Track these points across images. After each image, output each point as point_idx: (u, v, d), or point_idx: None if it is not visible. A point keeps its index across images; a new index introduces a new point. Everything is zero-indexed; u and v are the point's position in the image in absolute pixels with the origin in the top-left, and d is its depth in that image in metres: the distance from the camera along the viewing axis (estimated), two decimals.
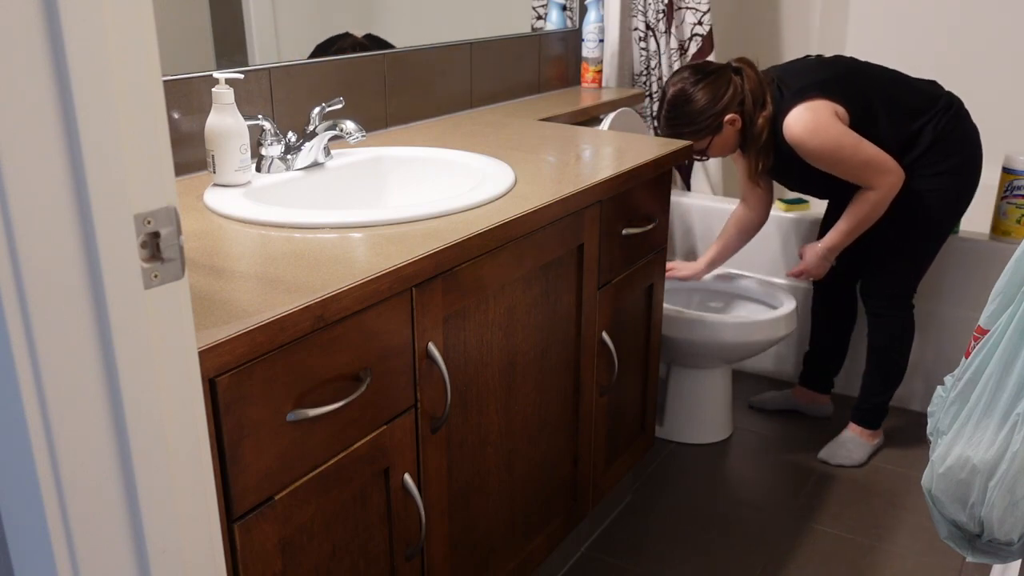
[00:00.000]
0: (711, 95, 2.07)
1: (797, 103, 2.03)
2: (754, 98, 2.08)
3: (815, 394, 2.55)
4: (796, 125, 2.03)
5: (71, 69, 0.59)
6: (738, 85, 2.08)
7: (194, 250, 1.18)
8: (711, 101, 2.07)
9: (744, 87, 2.08)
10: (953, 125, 2.10)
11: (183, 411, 0.72)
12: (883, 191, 2.06)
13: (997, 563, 1.25)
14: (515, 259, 1.42)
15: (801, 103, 2.03)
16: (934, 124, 2.09)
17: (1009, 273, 1.13)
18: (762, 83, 2.09)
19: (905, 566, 1.95)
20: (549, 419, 1.65)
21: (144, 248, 0.66)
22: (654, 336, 2.03)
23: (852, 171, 2.06)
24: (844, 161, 2.04)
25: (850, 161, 2.04)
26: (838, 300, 2.45)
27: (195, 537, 0.75)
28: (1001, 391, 1.13)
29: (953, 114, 2.11)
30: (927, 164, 2.10)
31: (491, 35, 2.28)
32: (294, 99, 1.72)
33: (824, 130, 2.01)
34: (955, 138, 2.11)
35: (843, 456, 2.33)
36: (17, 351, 0.61)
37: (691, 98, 2.08)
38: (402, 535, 1.30)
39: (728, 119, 2.09)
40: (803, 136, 2.02)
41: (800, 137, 2.03)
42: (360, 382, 1.15)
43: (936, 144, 2.09)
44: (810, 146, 2.03)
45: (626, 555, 1.98)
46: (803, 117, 2.02)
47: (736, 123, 2.10)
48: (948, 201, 2.15)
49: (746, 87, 2.08)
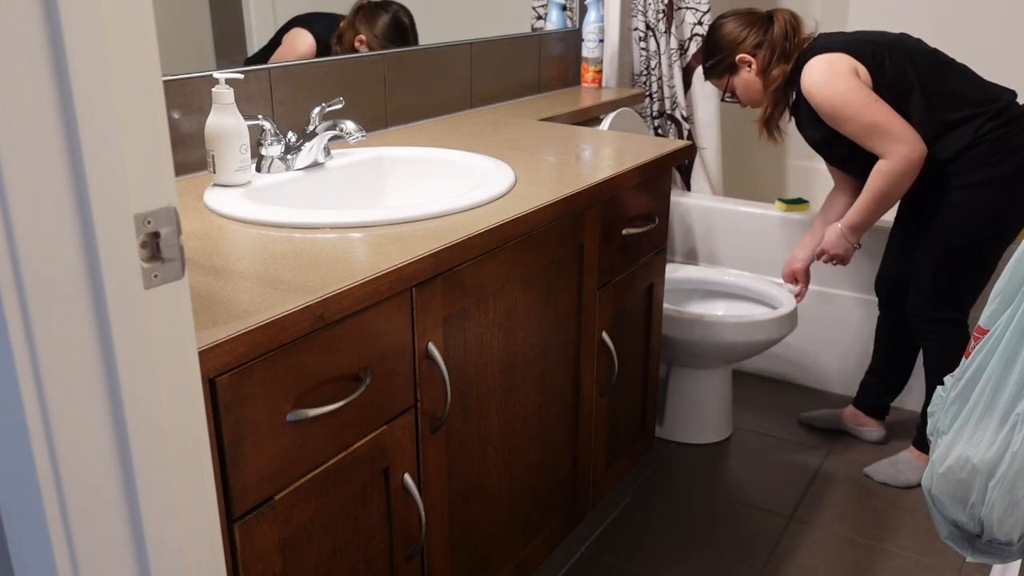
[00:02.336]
0: (733, 32, 2.11)
1: (816, 55, 2.00)
2: (773, 47, 2.08)
3: (867, 418, 2.43)
4: (808, 75, 1.99)
5: (71, 69, 0.59)
6: (762, 31, 2.09)
7: (194, 250, 1.18)
8: (730, 37, 2.11)
9: (768, 34, 2.08)
10: (1002, 132, 1.94)
11: (183, 411, 0.72)
12: (894, 161, 1.94)
13: (997, 563, 1.25)
14: (515, 259, 1.42)
15: (820, 55, 1.99)
16: (976, 124, 1.95)
17: (1009, 273, 1.13)
18: (789, 37, 2.07)
19: (905, 566, 1.95)
20: (549, 419, 1.65)
21: (144, 248, 0.66)
22: (654, 336, 2.03)
23: (859, 133, 1.97)
24: (850, 120, 1.96)
25: (856, 120, 1.95)
26: (902, 321, 2.27)
27: (195, 537, 0.75)
28: (1001, 391, 1.13)
29: (1005, 122, 1.94)
30: (960, 172, 1.97)
31: (491, 35, 2.28)
32: (294, 99, 1.72)
33: (833, 83, 1.96)
34: (1001, 147, 1.94)
35: (891, 475, 2.24)
36: (17, 351, 0.61)
37: (716, 29, 2.14)
38: (402, 535, 1.30)
39: (740, 59, 2.10)
40: (812, 87, 1.98)
41: (809, 88, 1.99)
42: (360, 382, 1.15)
43: (974, 148, 1.95)
44: (818, 98, 1.98)
45: (626, 555, 1.98)
46: (818, 67, 1.98)
47: (752, 66, 2.10)
48: (985, 218, 1.98)
49: (770, 34, 2.08)
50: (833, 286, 2.62)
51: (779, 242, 2.68)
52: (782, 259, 2.67)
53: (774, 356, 2.77)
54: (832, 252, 2.16)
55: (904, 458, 2.27)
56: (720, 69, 2.15)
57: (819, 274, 2.62)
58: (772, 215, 2.68)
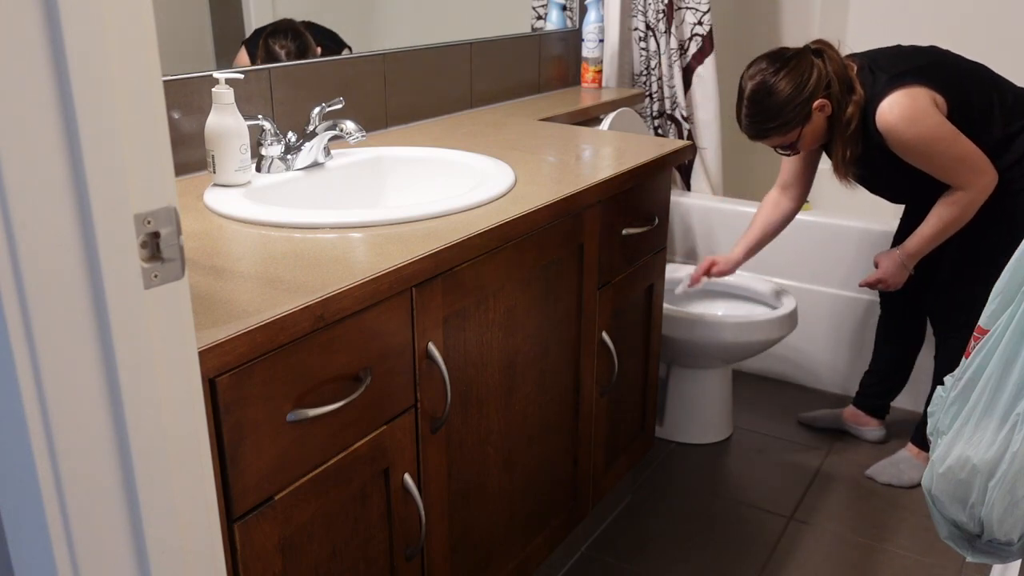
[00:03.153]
0: (795, 82, 1.88)
1: (894, 88, 1.86)
2: (840, 81, 1.90)
3: (867, 417, 2.42)
4: (892, 112, 1.85)
5: (71, 69, 0.59)
6: (822, 67, 1.90)
7: (194, 250, 1.18)
8: (797, 88, 1.88)
9: (828, 69, 1.90)
10: None
11: (183, 411, 0.72)
12: (975, 192, 1.89)
13: (997, 563, 1.25)
14: (515, 259, 1.42)
15: (898, 89, 1.86)
16: None
17: (1009, 273, 1.13)
18: (846, 65, 1.92)
19: (905, 566, 1.95)
20: (549, 419, 1.65)
21: (144, 248, 0.66)
22: (654, 336, 2.03)
23: (945, 167, 1.88)
24: (939, 155, 1.87)
25: (945, 155, 1.86)
26: (904, 322, 2.29)
27: (195, 537, 0.75)
28: (1001, 391, 1.13)
29: None
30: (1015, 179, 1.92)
31: (491, 35, 2.28)
32: (294, 99, 1.72)
33: (922, 119, 1.84)
34: None
35: (893, 475, 2.24)
36: (17, 351, 0.61)
37: (773, 89, 1.89)
38: (402, 535, 1.30)
39: (817, 105, 1.90)
40: (899, 124, 1.85)
41: (895, 125, 1.85)
42: (360, 382, 1.15)
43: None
44: (905, 136, 1.86)
45: (626, 555, 1.98)
46: (901, 103, 1.85)
47: (826, 109, 1.91)
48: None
49: (830, 69, 1.90)
50: (833, 286, 2.63)
51: (779, 242, 2.67)
52: (782, 259, 2.67)
53: (774, 356, 2.77)
54: (889, 281, 2.08)
55: (904, 456, 2.28)
56: (792, 124, 1.91)
57: (819, 274, 2.62)
58: None
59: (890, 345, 2.35)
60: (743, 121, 1.96)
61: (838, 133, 1.94)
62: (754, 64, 1.95)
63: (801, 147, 1.98)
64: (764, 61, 1.93)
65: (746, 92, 1.93)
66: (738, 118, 1.98)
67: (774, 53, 1.95)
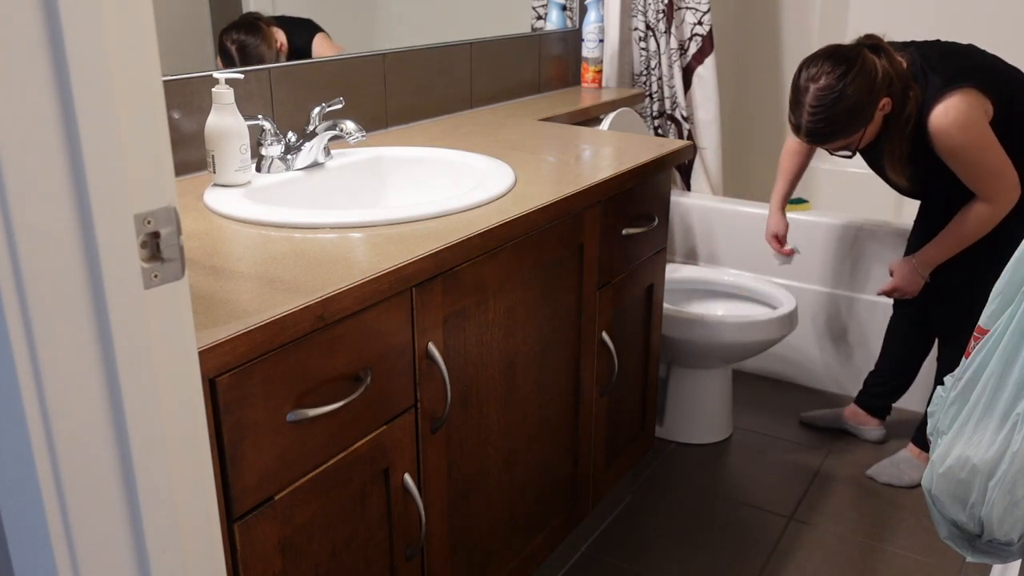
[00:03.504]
0: (866, 86, 1.81)
1: (951, 92, 1.82)
2: (899, 78, 1.84)
3: (868, 416, 2.42)
4: (947, 116, 1.81)
5: (71, 69, 0.59)
6: (885, 67, 1.83)
7: (194, 250, 1.18)
8: (867, 92, 1.81)
9: (890, 67, 1.84)
10: None
11: (183, 411, 0.72)
12: (998, 207, 1.87)
13: (997, 563, 1.25)
14: (515, 259, 1.42)
15: (955, 92, 1.81)
16: None
17: (1009, 273, 1.13)
18: (899, 61, 1.87)
19: (905, 566, 1.95)
20: (549, 419, 1.65)
21: (144, 248, 0.66)
22: (654, 336, 2.03)
23: (980, 176, 1.86)
24: (979, 164, 1.84)
25: (984, 166, 1.85)
26: (915, 324, 2.27)
27: (195, 537, 0.75)
28: (1001, 391, 1.13)
29: None
30: None
31: (491, 35, 2.28)
32: (294, 99, 1.72)
33: (975, 126, 1.82)
34: None
35: (894, 475, 2.24)
36: (17, 351, 0.61)
37: (843, 94, 1.81)
38: (402, 535, 1.30)
39: (881, 105, 1.84)
40: (951, 129, 1.81)
41: (947, 129, 1.82)
42: (360, 382, 1.15)
43: None
44: (955, 141, 1.82)
45: (626, 555, 1.98)
46: (959, 107, 1.81)
47: (887, 107, 1.86)
48: None
49: (892, 68, 1.84)
50: (833, 286, 2.63)
51: None
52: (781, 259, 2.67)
53: (774, 356, 2.77)
54: (905, 289, 2.06)
55: (904, 456, 2.27)
56: (858, 126, 1.85)
57: (818, 273, 2.62)
58: None
59: (899, 346, 2.34)
60: (805, 127, 1.87)
61: (895, 130, 1.88)
62: (813, 65, 1.85)
63: (858, 147, 1.92)
64: (826, 63, 1.83)
65: (809, 97, 1.84)
66: (796, 123, 1.89)
67: (832, 52, 1.85)
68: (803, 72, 1.87)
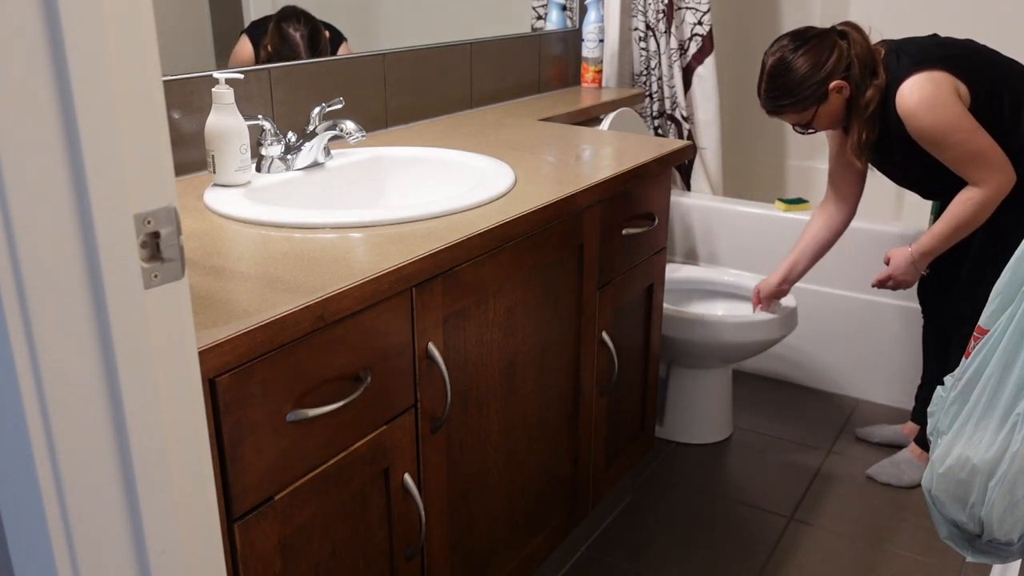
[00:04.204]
0: (813, 61, 1.87)
1: (915, 71, 1.83)
2: (862, 64, 1.87)
3: None
4: (912, 96, 1.82)
5: (71, 69, 0.59)
6: (844, 49, 1.87)
7: (194, 250, 1.18)
8: (813, 67, 1.87)
9: (850, 51, 1.87)
10: None
11: (183, 411, 0.72)
12: (988, 191, 1.84)
13: (997, 563, 1.25)
14: (515, 259, 1.42)
15: (920, 72, 1.82)
16: None
17: (1009, 273, 1.13)
18: (871, 49, 1.89)
19: (905, 566, 1.95)
20: (549, 419, 1.65)
21: (144, 248, 0.66)
22: (654, 336, 2.03)
23: (959, 160, 1.84)
24: (954, 146, 1.82)
25: (961, 147, 1.82)
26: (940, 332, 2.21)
27: (195, 537, 0.75)
28: (1001, 391, 1.13)
29: None
30: None
31: (491, 35, 2.28)
32: (294, 99, 1.72)
33: (942, 106, 1.80)
34: None
35: (894, 475, 2.23)
36: (17, 351, 0.61)
37: (791, 66, 1.88)
38: (402, 535, 1.30)
39: (834, 86, 1.87)
40: (917, 109, 1.82)
41: (913, 109, 1.82)
42: (360, 382, 1.15)
43: None
44: (923, 122, 1.82)
45: (626, 555, 1.98)
46: (922, 87, 1.81)
47: (844, 91, 1.89)
48: None
49: (852, 52, 1.87)
50: (833, 286, 2.63)
51: (779, 242, 2.68)
52: (782, 259, 2.67)
53: (774, 356, 2.77)
54: (900, 279, 2.03)
55: (905, 457, 2.27)
56: (807, 102, 1.90)
57: (818, 273, 2.62)
58: (772, 215, 2.68)
59: (938, 355, 2.26)
60: (761, 97, 1.97)
61: (855, 115, 1.92)
62: (777, 41, 1.95)
63: (817, 127, 1.97)
64: (787, 38, 1.93)
65: (766, 67, 1.94)
66: (758, 93, 1.99)
67: (799, 31, 1.94)
68: (770, 47, 1.97)
